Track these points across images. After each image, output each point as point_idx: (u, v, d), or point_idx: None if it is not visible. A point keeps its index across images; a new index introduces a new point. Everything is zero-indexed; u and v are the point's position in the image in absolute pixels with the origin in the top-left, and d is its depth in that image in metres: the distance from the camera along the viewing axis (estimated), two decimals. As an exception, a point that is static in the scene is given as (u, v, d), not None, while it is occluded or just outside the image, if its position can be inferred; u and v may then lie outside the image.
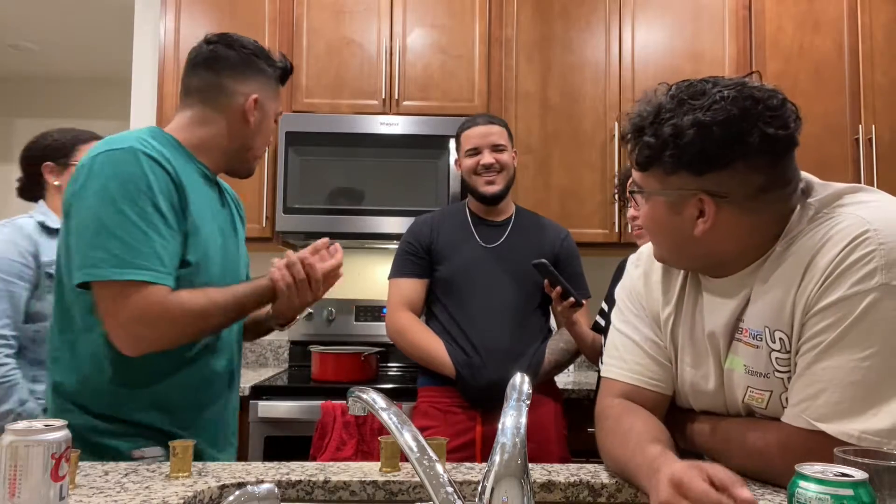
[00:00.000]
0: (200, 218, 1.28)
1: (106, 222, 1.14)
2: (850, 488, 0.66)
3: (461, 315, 1.99)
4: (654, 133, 0.96)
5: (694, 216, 0.97)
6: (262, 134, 1.41)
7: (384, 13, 2.85)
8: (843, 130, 2.83)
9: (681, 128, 0.93)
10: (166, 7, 2.85)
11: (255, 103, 1.37)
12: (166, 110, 2.81)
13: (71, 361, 1.23)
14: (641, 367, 1.11)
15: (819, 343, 0.91)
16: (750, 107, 0.92)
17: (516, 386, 0.78)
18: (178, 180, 1.23)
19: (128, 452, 1.21)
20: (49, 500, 0.79)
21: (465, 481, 1.04)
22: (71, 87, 4.74)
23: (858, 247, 0.90)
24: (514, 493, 0.68)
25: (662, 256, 1.10)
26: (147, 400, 1.24)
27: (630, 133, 1.01)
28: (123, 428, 1.22)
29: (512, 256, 2.04)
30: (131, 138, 1.22)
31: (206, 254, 1.29)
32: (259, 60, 1.40)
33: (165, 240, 1.18)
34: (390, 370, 2.93)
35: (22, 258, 1.77)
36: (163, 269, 1.17)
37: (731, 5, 2.89)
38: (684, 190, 0.97)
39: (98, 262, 1.14)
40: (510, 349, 1.96)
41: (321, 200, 2.70)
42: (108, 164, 1.18)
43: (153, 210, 1.17)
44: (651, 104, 0.98)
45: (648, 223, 1.05)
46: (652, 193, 1.01)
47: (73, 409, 1.21)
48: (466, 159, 2.07)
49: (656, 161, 0.97)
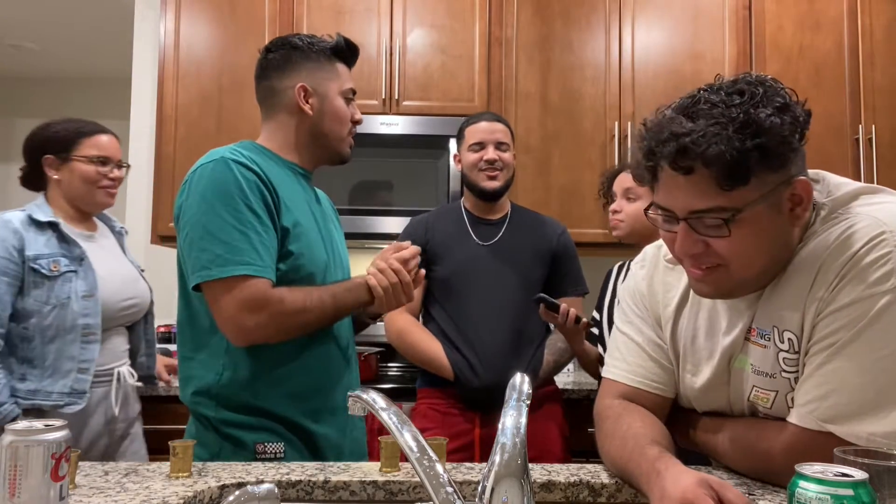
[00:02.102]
0: (298, 212, 1.35)
1: (208, 227, 1.25)
2: (850, 488, 0.66)
3: (459, 315, 1.98)
4: (745, 137, 0.85)
5: (789, 209, 0.92)
6: (327, 117, 1.43)
7: (384, 13, 2.85)
8: (843, 130, 2.83)
9: (772, 118, 0.86)
10: (166, 7, 2.85)
11: (304, 91, 1.41)
12: (166, 110, 2.81)
13: (205, 359, 1.32)
14: (643, 369, 1.11)
15: (831, 344, 0.90)
16: (783, 89, 0.91)
17: (516, 386, 0.78)
18: (268, 180, 1.31)
19: (252, 445, 1.29)
20: (49, 500, 0.79)
21: (465, 481, 1.04)
22: (71, 87, 4.74)
23: (875, 248, 0.89)
24: (514, 493, 0.68)
25: (746, 280, 0.96)
26: (278, 389, 1.31)
27: (718, 152, 0.85)
28: (255, 420, 1.30)
29: (509, 254, 2.03)
30: (222, 150, 1.33)
31: (309, 244, 1.36)
32: (299, 51, 1.43)
33: (261, 236, 1.27)
34: (390, 370, 2.93)
35: (6, 253, 1.74)
36: (261, 263, 1.25)
37: (731, 5, 2.89)
38: (783, 183, 0.90)
39: (206, 263, 1.24)
40: (509, 350, 1.95)
41: (321, 200, 2.70)
42: (204, 176, 1.29)
43: (247, 210, 1.26)
44: (695, 121, 0.88)
45: (744, 246, 0.91)
46: (753, 205, 0.89)
47: (208, 403, 1.31)
48: (469, 154, 2.06)
49: (763, 163, 0.87)
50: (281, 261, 1.31)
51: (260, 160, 1.33)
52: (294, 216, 1.34)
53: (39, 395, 1.73)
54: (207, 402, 1.31)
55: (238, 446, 1.28)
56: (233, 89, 2.82)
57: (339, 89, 1.45)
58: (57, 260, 1.78)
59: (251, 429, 1.29)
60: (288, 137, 1.43)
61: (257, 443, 1.29)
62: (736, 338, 1.01)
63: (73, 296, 1.77)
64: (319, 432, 1.34)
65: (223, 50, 2.85)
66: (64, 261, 1.78)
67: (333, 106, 1.44)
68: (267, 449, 1.29)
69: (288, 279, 1.31)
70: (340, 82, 1.45)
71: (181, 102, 2.82)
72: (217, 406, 1.30)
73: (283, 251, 1.31)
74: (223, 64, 2.84)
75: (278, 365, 1.32)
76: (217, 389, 1.30)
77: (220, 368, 1.30)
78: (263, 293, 1.25)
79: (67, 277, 1.77)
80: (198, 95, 2.83)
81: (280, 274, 1.30)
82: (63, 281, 1.77)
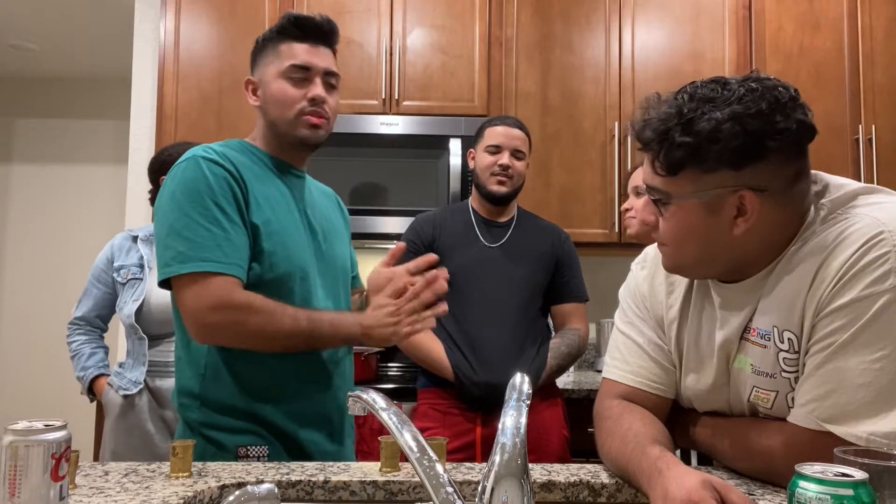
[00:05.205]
0: (272, 209, 1.31)
1: (174, 225, 1.23)
2: (850, 488, 0.66)
3: (462, 315, 1.98)
4: (687, 132, 0.91)
5: (732, 216, 0.94)
6: (269, 104, 1.36)
7: (384, 13, 2.85)
8: (843, 130, 2.83)
9: (720, 122, 0.89)
10: (166, 7, 2.85)
11: (250, 84, 1.41)
12: (166, 110, 2.81)
13: (188, 359, 1.31)
14: (644, 370, 1.11)
15: (830, 344, 0.90)
16: (779, 96, 0.91)
17: (516, 386, 0.78)
18: (239, 176, 1.28)
19: (234, 448, 1.25)
20: (49, 500, 0.79)
21: (465, 481, 1.04)
22: (71, 87, 4.73)
23: (873, 248, 0.89)
24: (514, 493, 0.68)
25: (684, 265, 1.03)
26: (261, 392, 1.29)
27: (653, 138, 0.94)
28: (238, 423, 1.27)
29: (516, 256, 2.04)
30: (198, 149, 1.31)
31: (284, 243, 1.31)
32: (256, 46, 1.41)
33: (228, 233, 1.24)
34: (390, 370, 2.93)
35: (103, 265, 2.16)
36: (224, 260, 1.22)
37: (731, 5, 2.89)
38: (724, 188, 0.92)
39: (169, 260, 1.23)
40: (510, 351, 1.95)
41: (321, 200, 2.70)
42: (176, 176, 1.27)
43: (215, 208, 1.24)
44: (667, 106, 0.94)
45: (674, 232, 0.98)
46: (684, 198, 0.95)
47: (192, 404, 1.29)
48: (485, 155, 2.06)
49: (693, 161, 0.92)
50: (254, 259, 1.27)
51: (238, 157, 1.31)
52: (266, 214, 1.29)
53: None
54: (191, 402, 1.28)
55: (220, 449, 1.25)
56: (233, 89, 2.82)
57: (278, 70, 1.34)
58: (129, 269, 2.12)
59: (234, 432, 1.26)
60: (260, 130, 1.41)
61: (239, 446, 1.25)
62: (731, 333, 1.01)
63: (129, 300, 2.07)
64: (306, 438, 1.31)
65: (223, 50, 2.85)
66: (135, 269, 2.11)
67: (271, 90, 1.35)
68: (250, 452, 1.25)
69: (262, 280, 1.27)
70: (279, 62, 1.34)
71: (181, 102, 2.82)
72: (201, 407, 1.28)
73: (256, 249, 1.27)
74: (223, 64, 2.84)
75: (260, 367, 1.28)
76: (200, 390, 1.28)
77: (202, 369, 1.28)
78: (227, 292, 1.20)
79: (132, 284, 2.09)
80: (198, 95, 2.83)
81: (254, 274, 1.26)
82: (128, 287, 2.10)
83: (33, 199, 4.64)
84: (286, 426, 1.29)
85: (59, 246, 4.61)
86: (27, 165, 4.69)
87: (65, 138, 4.71)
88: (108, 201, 4.56)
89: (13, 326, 4.62)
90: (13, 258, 4.65)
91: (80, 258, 4.37)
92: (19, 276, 4.63)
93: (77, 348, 2.19)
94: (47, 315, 4.47)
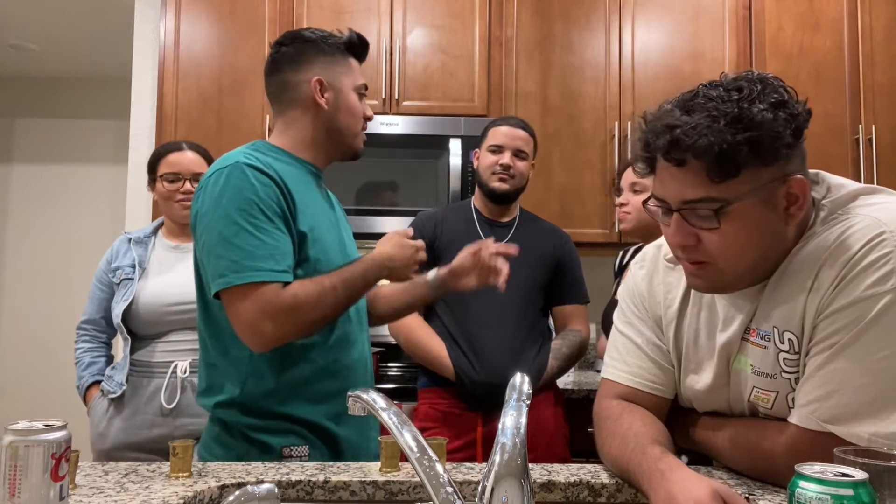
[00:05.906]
0: (314, 216, 1.35)
1: (224, 234, 1.24)
2: (850, 488, 0.66)
3: (463, 314, 1.99)
4: (747, 128, 0.86)
5: (783, 206, 0.91)
6: (342, 111, 1.42)
7: (384, 13, 2.85)
8: (843, 130, 2.83)
9: (772, 112, 0.87)
10: (166, 7, 2.85)
11: (319, 84, 1.40)
12: (166, 110, 2.81)
13: (227, 366, 1.32)
14: (643, 370, 1.11)
15: (832, 344, 0.90)
16: (783, 86, 0.91)
17: (516, 386, 0.78)
18: (283, 184, 1.29)
19: (279, 448, 1.29)
20: (49, 500, 0.79)
21: (465, 481, 1.04)
22: (71, 87, 4.73)
23: (875, 248, 0.89)
24: (514, 493, 0.68)
25: (737, 275, 0.96)
26: (302, 393, 1.31)
27: (707, 144, 0.86)
28: (280, 424, 1.30)
29: (518, 257, 2.04)
30: (237, 154, 1.31)
31: (325, 250, 1.35)
32: (312, 45, 1.42)
33: (277, 241, 1.26)
34: (390, 370, 2.92)
35: (104, 267, 2.12)
36: (276, 269, 1.24)
37: (731, 5, 2.89)
38: (776, 179, 0.90)
39: (223, 271, 1.23)
40: (511, 351, 1.95)
41: (321, 200, 2.70)
42: (219, 182, 1.27)
43: (262, 216, 1.25)
44: (690, 115, 0.89)
45: (732, 240, 0.91)
46: (743, 199, 0.89)
47: (232, 409, 1.30)
48: (487, 154, 2.06)
49: (755, 156, 0.87)
50: (298, 266, 1.30)
51: (275, 163, 1.32)
52: (310, 221, 1.33)
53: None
54: (232, 408, 1.30)
55: (265, 451, 1.28)
56: (233, 89, 2.82)
57: (353, 84, 1.43)
58: (123, 270, 2.07)
59: (276, 433, 1.29)
60: (301, 133, 1.42)
61: (283, 446, 1.28)
62: (733, 335, 1.01)
63: (120, 300, 2.03)
64: (341, 434, 1.34)
65: (223, 50, 2.85)
66: (128, 270, 2.05)
67: (348, 100, 1.42)
68: (293, 452, 1.28)
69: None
70: (354, 77, 1.44)
71: (181, 102, 2.82)
72: (241, 413, 1.30)
73: (301, 257, 1.30)
74: (223, 64, 2.84)
75: (302, 370, 1.31)
76: (241, 398, 1.29)
77: (243, 377, 1.30)
78: (278, 297, 1.23)
79: (124, 284, 2.05)
80: (198, 95, 2.83)
81: (297, 280, 1.29)
82: (121, 287, 2.05)
83: (33, 199, 4.64)
84: (325, 424, 1.32)
85: (59, 246, 4.61)
86: (27, 165, 4.68)
87: (65, 138, 4.71)
88: (108, 201, 4.55)
89: (13, 326, 4.61)
90: (13, 258, 4.64)
91: (80, 258, 4.37)
92: (19, 276, 4.63)
93: (79, 356, 2.17)
94: (47, 315, 4.47)
